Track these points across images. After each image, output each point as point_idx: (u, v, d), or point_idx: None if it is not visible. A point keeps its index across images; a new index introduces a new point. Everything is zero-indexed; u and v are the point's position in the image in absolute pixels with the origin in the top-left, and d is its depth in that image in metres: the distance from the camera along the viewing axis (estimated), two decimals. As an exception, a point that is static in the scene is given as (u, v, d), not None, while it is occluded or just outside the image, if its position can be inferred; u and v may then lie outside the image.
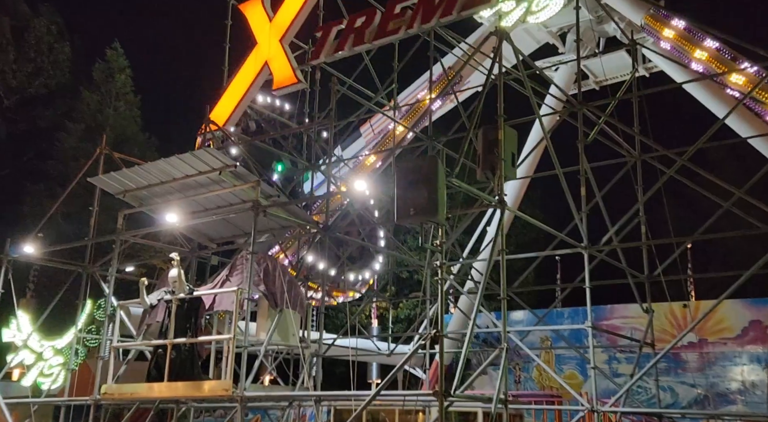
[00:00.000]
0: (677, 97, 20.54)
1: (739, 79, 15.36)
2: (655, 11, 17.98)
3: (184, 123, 24.88)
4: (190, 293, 11.12)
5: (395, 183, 10.89)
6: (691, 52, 16.58)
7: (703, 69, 16.22)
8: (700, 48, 16.48)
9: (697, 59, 16.34)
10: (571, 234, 13.84)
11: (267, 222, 12.85)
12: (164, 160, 11.87)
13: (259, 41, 16.30)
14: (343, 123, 17.50)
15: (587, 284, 13.16)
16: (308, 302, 13.06)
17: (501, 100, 11.94)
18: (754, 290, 18.11)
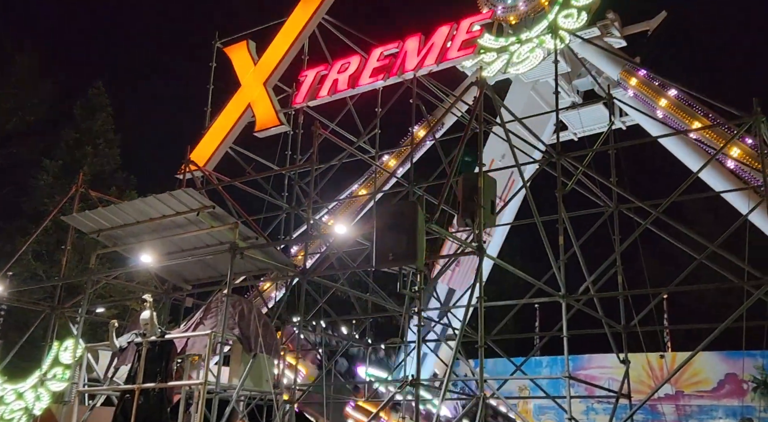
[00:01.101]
0: (654, 149, 21.04)
1: (714, 137, 15.78)
2: (630, 66, 18.53)
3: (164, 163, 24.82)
4: (161, 336, 10.82)
5: (374, 227, 10.87)
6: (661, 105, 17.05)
7: (671, 120, 16.67)
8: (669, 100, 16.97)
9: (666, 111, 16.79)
10: (550, 282, 13.84)
11: (244, 264, 12.70)
12: (141, 199, 11.74)
13: (242, 83, 16.46)
14: (325, 167, 17.54)
15: (564, 334, 13.10)
16: (284, 347, 12.80)
17: (481, 149, 12.11)
18: (729, 343, 18.16)
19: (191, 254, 12.69)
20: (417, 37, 15.15)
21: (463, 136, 12.67)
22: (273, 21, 17.36)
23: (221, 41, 17.73)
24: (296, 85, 16.96)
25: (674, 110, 16.88)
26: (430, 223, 10.90)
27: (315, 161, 14.00)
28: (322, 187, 17.33)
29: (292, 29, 16.74)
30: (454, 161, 12.36)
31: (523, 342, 22.98)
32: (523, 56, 20.37)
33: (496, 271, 20.94)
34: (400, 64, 15.22)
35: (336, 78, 16.02)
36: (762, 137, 12.22)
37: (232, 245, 11.24)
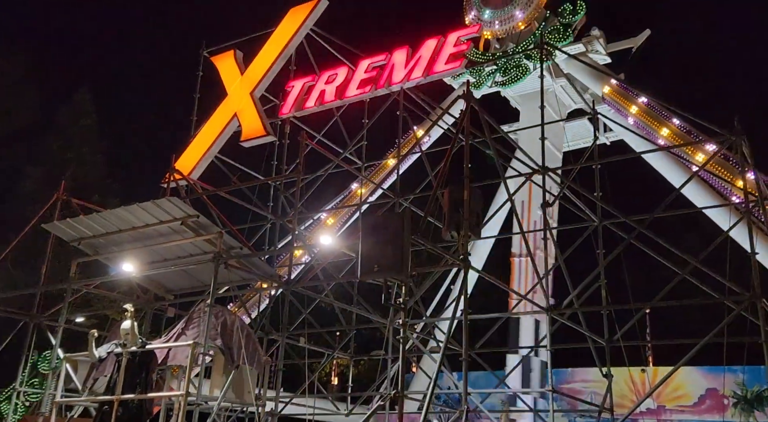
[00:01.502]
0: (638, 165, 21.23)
1: (697, 153, 15.98)
2: (615, 83, 18.75)
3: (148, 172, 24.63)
4: (142, 347, 10.65)
5: (360, 239, 10.84)
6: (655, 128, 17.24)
7: (665, 143, 16.84)
8: (660, 122, 17.17)
9: (661, 135, 16.97)
10: (535, 296, 13.88)
11: (228, 274, 12.58)
12: (124, 208, 11.61)
13: (229, 93, 16.42)
14: (311, 177, 17.50)
15: (548, 348, 13.11)
16: (266, 359, 12.67)
17: (467, 162, 12.13)
18: (710, 358, 18.28)
19: (174, 264, 12.56)
20: (404, 49, 15.23)
21: (449, 149, 12.71)
22: (261, 31, 17.37)
23: (208, 50, 17.69)
24: (283, 96, 16.96)
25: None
26: (416, 235, 10.89)
27: (301, 171, 13.96)
28: (308, 198, 17.27)
29: (280, 40, 16.76)
30: (441, 173, 12.38)
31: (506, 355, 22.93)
32: (509, 71, 20.55)
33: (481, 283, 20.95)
34: (388, 77, 15.27)
35: (323, 89, 16.04)
36: (743, 155, 12.39)
37: (215, 255, 11.15)
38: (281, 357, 13.51)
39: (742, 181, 12.20)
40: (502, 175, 14.07)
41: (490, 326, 17.73)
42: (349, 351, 19.04)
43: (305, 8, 17.03)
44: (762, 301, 10.80)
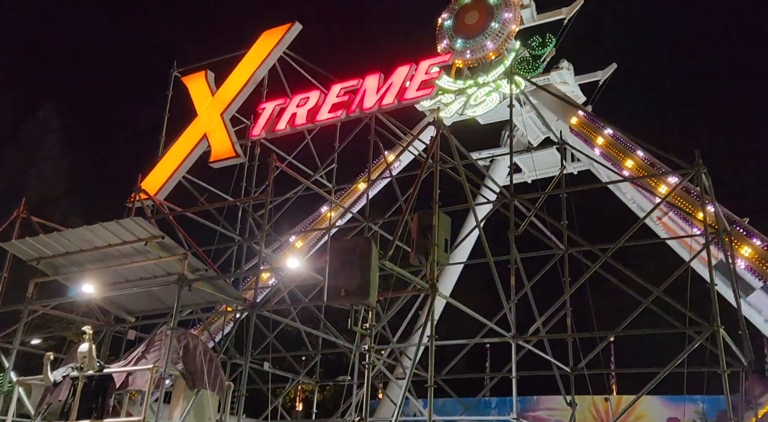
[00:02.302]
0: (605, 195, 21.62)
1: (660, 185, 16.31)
2: (582, 114, 19.15)
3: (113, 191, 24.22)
4: (99, 370, 10.36)
5: (328, 263, 10.77)
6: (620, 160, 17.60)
7: (629, 174, 17.17)
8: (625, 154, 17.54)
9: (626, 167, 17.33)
10: (502, 323, 13.90)
11: (192, 297, 12.36)
12: (86, 227, 11.35)
13: (199, 113, 16.30)
14: (280, 199, 17.40)
15: (513, 375, 13.12)
16: (229, 384, 12.40)
17: (436, 188, 12.20)
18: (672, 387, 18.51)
19: (137, 285, 12.30)
20: (377, 75, 15.34)
21: (419, 174, 12.78)
22: (233, 53, 17.35)
23: (179, 70, 17.58)
24: (254, 117, 16.90)
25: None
26: (384, 259, 10.86)
27: (270, 193, 13.87)
28: (277, 220, 17.14)
29: (252, 61, 16.75)
30: (410, 198, 12.42)
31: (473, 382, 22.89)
32: (480, 99, 20.88)
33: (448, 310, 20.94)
34: (359, 102, 15.35)
35: (295, 112, 16.03)
36: (703, 187, 12.69)
37: (180, 277, 10.97)
38: (244, 382, 13.25)
39: (702, 213, 12.48)
40: (471, 202, 14.17)
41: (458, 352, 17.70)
42: (314, 376, 18.78)
43: (278, 31, 17.09)
44: (721, 332, 10.99)
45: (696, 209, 14.98)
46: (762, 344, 17.41)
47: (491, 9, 21.50)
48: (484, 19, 21.47)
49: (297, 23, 17.14)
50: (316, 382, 19.00)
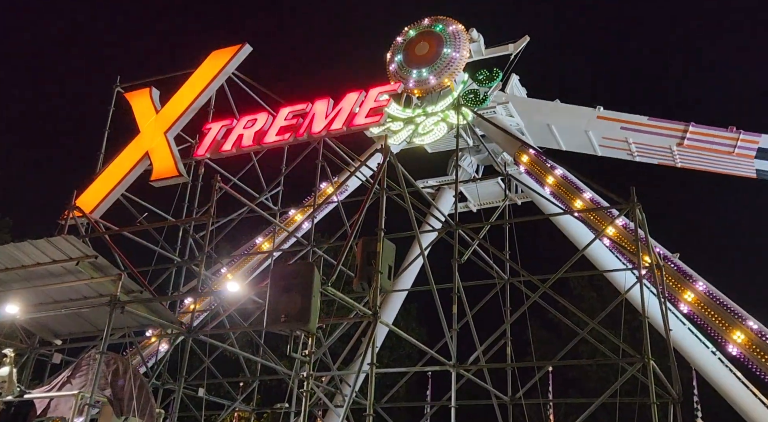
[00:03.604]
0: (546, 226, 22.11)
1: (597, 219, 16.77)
2: (525, 147, 19.59)
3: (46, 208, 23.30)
4: (20, 396, 9.82)
5: (269, 287, 10.57)
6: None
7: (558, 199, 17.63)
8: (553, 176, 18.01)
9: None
10: (443, 351, 13.89)
11: (125, 319, 11.90)
12: (13, 245, 10.84)
13: (141, 130, 15.93)
14: (223, 221, 17.08)
15: (453, 404, 13.10)
16: (159, 411, 11.93)
17: (382, 214, 12.21)
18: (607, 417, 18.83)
19: (66, 307, 11.78)
20: (326, 100, 15.38)
21: (365, 200, 12.77)
22: (180, 71, 17.10)
23: (122, 86, 17.20)
24: (199, 137, 16.63)
25: (560, 188, 17.92)
26: (326, 285, 10.74)
27: (212, 214, 13.60)
28: (218, 241, 16.78)
29: (200, 81, 16.55)
30: (355, 224, 12.38)
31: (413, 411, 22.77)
32: (428, 128, 21.14)
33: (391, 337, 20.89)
34: (308, 126, 15.32)
35: (241, 133, 15.86)
36: (637, 222, 13.11)
37: (112, 299, 10.55)
38: (176, 409, 12.77)
39: (636, 247, 12.87)
40: (416, 230, 14.23)
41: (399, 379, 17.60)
42: (251, 403, 18.29)
43: (228, 52, 16.98)
44: (652, 364, 11.28)
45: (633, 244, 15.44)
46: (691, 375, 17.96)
47: (439, 37, 21.97)
48: (435, 47, 21.88)
49: (247, 45, 17.09)
50: (253, 409, 18.51)
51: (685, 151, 18.37)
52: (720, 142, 17.84)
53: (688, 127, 18.22)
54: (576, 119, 20.25)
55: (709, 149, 18.00)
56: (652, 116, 19.11)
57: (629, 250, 14.99)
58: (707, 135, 18.07)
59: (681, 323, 15.94)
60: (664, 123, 18.72)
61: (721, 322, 14.32)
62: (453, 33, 21.99)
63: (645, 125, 18.96)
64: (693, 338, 16.08)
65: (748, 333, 13.94)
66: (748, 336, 13.90)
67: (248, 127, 15.85)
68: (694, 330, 15.94)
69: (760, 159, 17.27)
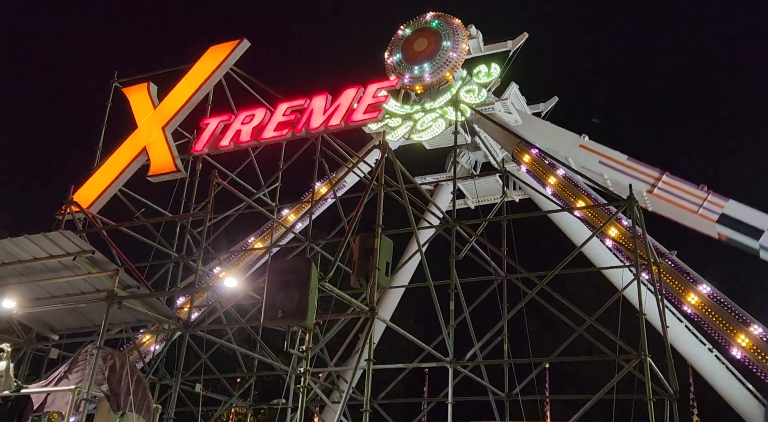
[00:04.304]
0: (543, 223, 22.10)
1: (595, 216, 16.81)
2: (524, 143, 19.59)
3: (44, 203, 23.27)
4: (16, 391, 9.82)
5: (266, 283, 10.57)
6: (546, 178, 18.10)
7: (560, 199, 17.65)
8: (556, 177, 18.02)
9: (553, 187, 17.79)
10: (440, 347, 13.91)
11: (122, 314, 11.89)
12: (10, 240, 10.83)
13: (139, 126, 15.89)
14: (220, 217, 17.06)
15: (450, 400, 13.12)
16: (156, 406, 11.93)
17: (380, 211, 12.21)
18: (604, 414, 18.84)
19: (62, 302, 11.77)
20: (324, 96, 15.33)
21: (362, 196, 12.77)
22: (178, 66, 17.05)
23: (120, 81, 17.15)
24: (197, 132, 16.58)
25: (562, 188, 17.93)
26: (324, 281, 10.74)
27: (210, 210, 13.58)
28: (216, 237, 16.77)
29: (198, 76, 16.50)
30: (353, 221, 12.38)
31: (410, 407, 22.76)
32: (426, 125, 21.10)
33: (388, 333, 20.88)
34: (306, 122, 15.28)
35: (239, 129, 15.81)
36: (635, 219, 13.12)
37: (109, 294, 10.54)
38: (173, 404, 12.77)
39: (633, 244, 12.89)
40: (413, 226, 14.23)
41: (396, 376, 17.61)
42: (248, 399, 18.29)
43: (226, 47, 16.92)
44: (648, 360, 11.30)
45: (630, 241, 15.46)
46: (687, 373, 18.00)
47: (437, 32, 21.97)
48: (434, 43, 21.88)
49: (245, 40, 17.03)
50: (249, 405, 18.51)
51: (653, 198, 18.31)
52: (688, 198, 17.83)
53: (662, 176, 18.17)
54: (559, 143, 20.16)
55: (675, 202, 17.98)
56: (631, 158, 18.90)
57: (627, 247, 15.01)
58: (677, 188, 18.04)
59: (678, 320, 15.98)
60: (641, 167, 18.58)
61: (725, 325, 14.35)
62: (452, 28, 21.98)
63: (622, 163, 18.86)
64: (690, 335, 16.12)
65: (753, 336, 13.99)
66: (753, 340, 13.94)
67: (246, 122, 15.81)
68: (692, 327, 15.98)
69: (721, 225, 17.14)
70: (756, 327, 14.07)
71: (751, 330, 14.06)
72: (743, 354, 14.04)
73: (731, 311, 14.44)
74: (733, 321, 14.30)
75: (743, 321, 14.23)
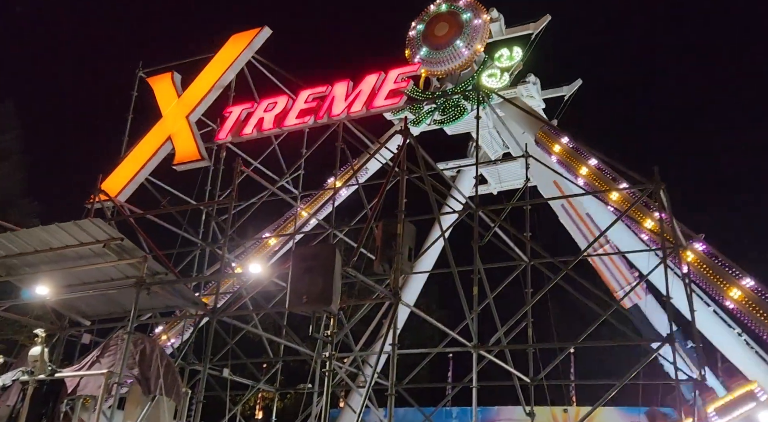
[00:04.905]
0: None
1: (618, 198, 16.60)
2: (547, 128, 19.41)
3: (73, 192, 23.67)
4: (51, 375, 10.08)
5: (291, 269, 10.68)
6: (576, 168, 17.87)
7: (585, 184, 17.44)
8: (585, 165, 17.82)
9: (581, 175, 17.61)
10: (464, 333, 13.94)
11: (150, 301, 12.12)
12: (42, 228, 11.07)
13: (164, 115, 16.06)
14: (244, 204, 17.22)
15: (474, 385, 13.17)
16: (186, 390, 12.18)
17: (402, 197, 12.24)
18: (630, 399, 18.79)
19: (93, 288, 12.01)
20: (345, 82, 15.33)
21: (384, 182, 12.79)
22: (201, 55, 17.18)
23: (145, 71, 17.33)
24: (220, 121, 16.72)
25: (588, 174, 17.72)
26: (347, 267, 10.82)
27: (234, 198, 13.72)
28: (240, 225, 16.94)
29: (220, 65, 16.61)
30: (376, 207, 12.42)
31: (435, 392, 22.93)
32: (448, 110, 21.01)
33: (412, 319, 20.99)
34: (328, 108, 15.32)
35: (262, 116, 15.91)
36: (661, 203, 12.96)
37: (138, 280, 10.74)
38: (202, 389, 13.02)
39: (660, 227, 12.74)
40: (436, 212, 14.23)
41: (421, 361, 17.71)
42: (275, 384, 18.55)
43: (247, 35, 16.99)
44: (676, 344, 11.22)
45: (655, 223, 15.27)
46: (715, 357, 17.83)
47: (461, 24, 21.75)
48: (453, 32, 21.70)
49: (266, 28, 17.07)
50: (276, 390, 18.77)
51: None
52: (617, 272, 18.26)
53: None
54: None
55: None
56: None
57: (653, 231, 14.84)
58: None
59: (705, 304, 15.80)
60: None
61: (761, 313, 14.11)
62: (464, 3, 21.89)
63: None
64: (718, 319, 15.94)
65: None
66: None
67: (269, 110, 15.90)
68: (720, 311, 15.79)
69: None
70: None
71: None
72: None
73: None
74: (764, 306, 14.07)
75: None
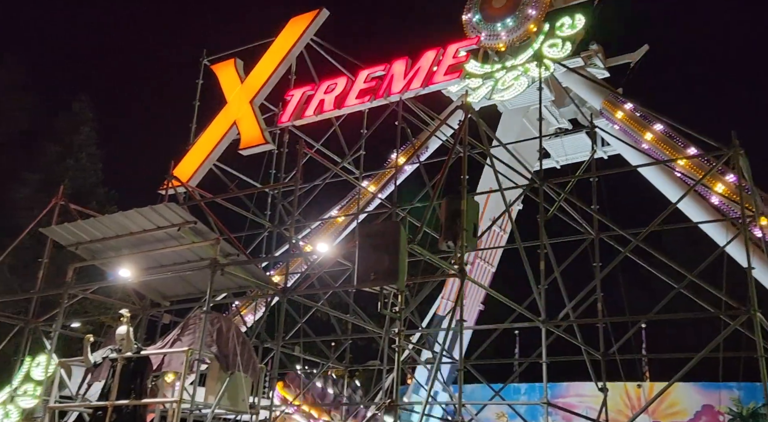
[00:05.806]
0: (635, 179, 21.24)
1: (687, 164, 15.99)
2: (613, 97, 18.80)
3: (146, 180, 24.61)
4: (137, 352, 10.64)
5: (357, 247, 10.84)
6: (643, 135, 17.30)
7: (653, 151, 16.86)
8: (651, 131, 17.22)
9: (648, 142, 17.04)
10: (531, 308, 13.85)
11: (224, 281, 12.57)
12: (121, 213, 11.62)
13: (228, 101, 16.47)
14: (308, 186, 17.53)
15: (544, 360, 13.09)
16: (262, 366, 12.62)
17: (465, 173, 12.18)
18: (707, 374, 18.21)
19: (171, 270, 12.54)
20: (404, 60, 15.30)
21: (446, 160, 12.75)
22: (261, 40, 17.46)
23: (209, 59, 17.78)
24: (282, 105, 17.02)
25: (657, 142, 17.12)
26: (413, 244, 10.90)
27: (299, 180, 14.00)
28: (305, 207, 17.28)
29: (280, 49, 16.84)
30: (438, 184, 12.41)
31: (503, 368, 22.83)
32: (508, 83, 20.61)
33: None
34: (387, 87, 15.34)
35: (322, 98, 16.10)
36: (740, 169, 12.42)
37: (212, 262, 11.15)
38: (276, 366, 13.47)
39: (738, 195, 12.22)
40: (500, 187, 14.10)
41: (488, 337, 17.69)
42: (344, 361, 18.97)
43: (306, 18, 17.14)
44: (758, 315, 10.79)
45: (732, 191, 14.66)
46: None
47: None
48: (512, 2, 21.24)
49: (324, 9, 17.16)
50: (346, 367, 19.19)
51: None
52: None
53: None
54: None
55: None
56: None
57: (731, 199, 14.24)
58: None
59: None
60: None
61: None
62: None
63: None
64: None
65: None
66: None
67: (329, 92, 16.07)
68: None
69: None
70: None
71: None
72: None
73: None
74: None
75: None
